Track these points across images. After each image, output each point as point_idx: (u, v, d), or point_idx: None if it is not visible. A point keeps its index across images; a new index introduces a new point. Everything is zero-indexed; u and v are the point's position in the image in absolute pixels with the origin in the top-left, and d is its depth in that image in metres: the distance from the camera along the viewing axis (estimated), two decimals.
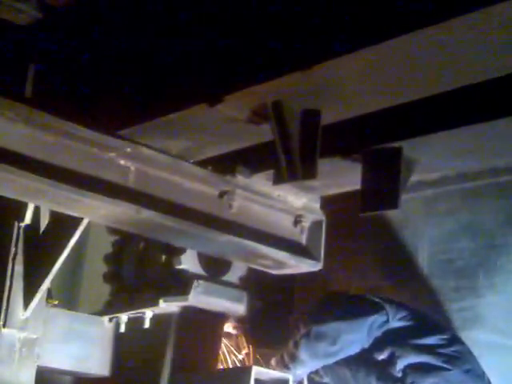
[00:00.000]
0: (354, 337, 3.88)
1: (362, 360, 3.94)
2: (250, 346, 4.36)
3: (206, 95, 2.91)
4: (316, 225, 3.87)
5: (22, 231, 4.07)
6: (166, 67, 3.09)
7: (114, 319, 4.44)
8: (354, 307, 3.97)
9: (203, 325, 4.25)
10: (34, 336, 4.10)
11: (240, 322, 4.34)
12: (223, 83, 2.88)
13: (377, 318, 3.88)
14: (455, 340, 3.91)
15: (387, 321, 3.89)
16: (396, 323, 3.90)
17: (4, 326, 4.00)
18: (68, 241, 3.93)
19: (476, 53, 2.48)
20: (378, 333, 3.89)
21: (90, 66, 3.34)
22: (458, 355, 3.82)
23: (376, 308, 3.90)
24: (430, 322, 4.00)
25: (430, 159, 3.32)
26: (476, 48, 2.45)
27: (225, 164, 3.52)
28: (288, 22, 2.70)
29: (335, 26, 2.58)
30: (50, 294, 4.25)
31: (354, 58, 2.53)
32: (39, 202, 3.75)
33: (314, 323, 3.96)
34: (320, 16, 2.62)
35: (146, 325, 4.25)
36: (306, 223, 3.84)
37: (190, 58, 3.00)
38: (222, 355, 4.31)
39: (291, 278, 4.23)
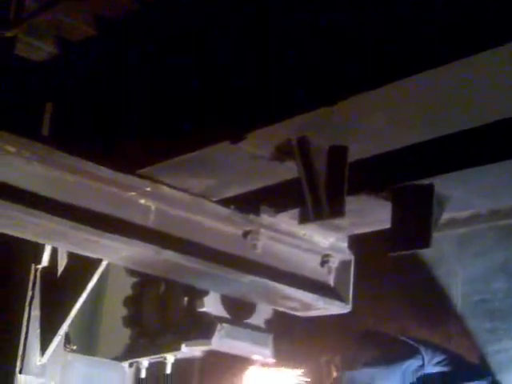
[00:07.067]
0: (388, 383, 3.79)
1: None
2: None
3: (228, 132, 2.87)
4: (344, 265, 3.78)
5: (38, 274, 4.04)
6: (187, 104, 3.05)
7: (135, 364, 4.41)
8: (387, 351, 3.91)
9: (227, 369, 4.22)
10: (52, 383, 4.06)
11: (266, 365, 4.25)
12: (246, 120, 2.83)
13: (412, 363, 3.81)
14: None
15: (422, 365, 3.82)
16: (432, 368, 3.83)
17: (21, 372, 3.96)
18: (86, 283, 3.90)
19: (504, 88, 2.43)
20: (412, 378, 3.81)
21: (109, 104, 3.31)
22: None
23: (411, 352, 3.83)
24: (467, 367, 3.97)
25: (463, 196, 3.23)
26: (503, 84, 2.40)
27: (248, 203, 3.46)
28: (312, 59, 2.66)
29: (361, 61, 2.54)
30: (67, 339, 4.21)
31: (380, 93, 2.48)
32: (57, 244, 3.72)
33: (346, 368, 3.91)
34: (345, 52, 2.59)
35: (168, 370, 4.22)
36: (334, 263, 3.76)
37: (211, 95, 2.96)
38: None
39: (319, 318, 4.14)
